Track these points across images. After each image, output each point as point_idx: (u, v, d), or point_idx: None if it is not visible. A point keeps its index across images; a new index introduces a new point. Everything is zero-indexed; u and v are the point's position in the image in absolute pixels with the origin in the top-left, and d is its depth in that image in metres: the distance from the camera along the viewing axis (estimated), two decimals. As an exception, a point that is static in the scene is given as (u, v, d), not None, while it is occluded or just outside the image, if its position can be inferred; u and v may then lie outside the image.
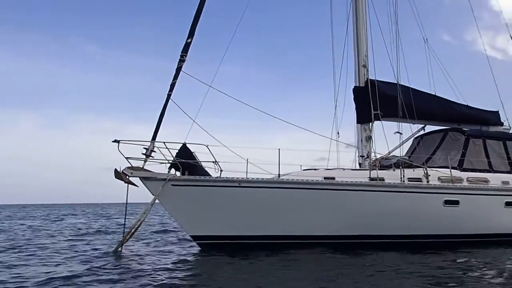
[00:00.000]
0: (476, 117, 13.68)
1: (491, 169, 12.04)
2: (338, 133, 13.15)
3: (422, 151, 12.43)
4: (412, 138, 13.68)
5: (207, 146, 9.61)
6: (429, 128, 13.73)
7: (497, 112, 14.37)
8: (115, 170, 9.55)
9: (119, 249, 9.59)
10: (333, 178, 10.28)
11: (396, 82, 12.42)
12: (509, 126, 14.54)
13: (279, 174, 9.92)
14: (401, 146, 12.89)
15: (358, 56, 12.39)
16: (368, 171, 10.75)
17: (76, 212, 45.63)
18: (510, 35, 15.25)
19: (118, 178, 9.62)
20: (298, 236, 9.90)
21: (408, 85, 12.61)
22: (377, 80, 12.00)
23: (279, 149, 9.91)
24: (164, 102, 10.01)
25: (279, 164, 9.89)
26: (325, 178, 10.30)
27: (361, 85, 12.36)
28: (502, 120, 14.42)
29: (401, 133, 12.65)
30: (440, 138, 12.66)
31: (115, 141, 9.30)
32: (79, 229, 18.55)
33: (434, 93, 13.22)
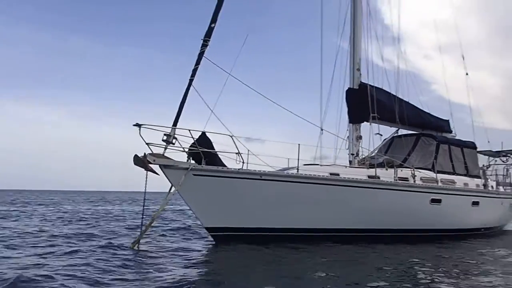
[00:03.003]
0: (436, 124, 15.23)
1: (454, 172, 13.59)
2: (322, 129, 13.62)
3: (396, 152, 13.53)
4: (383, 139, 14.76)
5: (231, 137, 9.46)
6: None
7: (448, 121, 16.13)
8: (135, 156, 8.97)
9: (137, 244, 9.04)
10: (338, 175, 10.77)
11: (381, 86, 13.41)
12: (455, 133, 16.42)
13: (297, 169, 10.14)
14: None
15: (353, 60, 13.05)
16: (365, 169, 11.48)
17: None
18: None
19: (138, 165, 9.05)
20: (311, 229, 10.21)
21: (389, 91, 13.64)
22: (373, 86, 12.84)
23: (299, 144, 10.20)
24: (185, 88, 9.65)
25: (298, 159, 10.16)
26: (330, 174, 10.75)
27: (355, 87, 13.04)
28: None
29: (381, 135, 13.62)
30: (413, 141, 13.89)
31: (136, 124, 8.79)
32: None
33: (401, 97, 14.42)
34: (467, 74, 17.56)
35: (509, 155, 18.33)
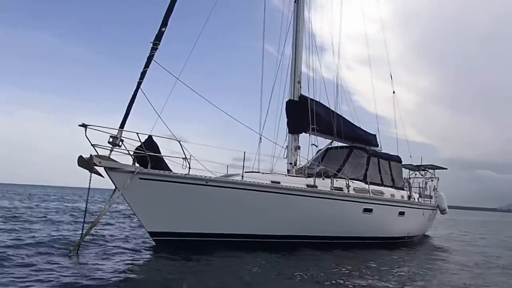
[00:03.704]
0: (365, 139, 16.22)
1: (382, 184, 14.54)
2: (261, 137, 13.93)
3: (330, 162, 14.23)
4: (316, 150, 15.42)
5: (179, 142, 9.46)
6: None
7: (376, 135, 17.26)
8: (80, 157, 8.65)
9: (76, 249, 8.68)
10: (279, 183, 11.11)
11: (315, 97, 14.09)
12: (381, 147, 17.59)
13: (242, 176, 10.32)
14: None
15: (295, 73, 13.58)
16: (304, 178, 11.96)
17: None
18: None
19: (82, 166, 8.76)
20: (254, 235, 10.39)
21: (327, 105, 14.37)
22: (313, 99, 13.42)
23: (244, 152, 10.41)
24: (134, 90, 9.49)
25: (243, 166, 10.35)
26: (272, 182, 11.05)
27: (295, 99, 13.56)
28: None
29: (317, 146, 14.24)
30: (346, 153, 14.67)
31: (82, 125, 8.49)
32: None
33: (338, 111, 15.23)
34: (394, 92, 18.92)
35: (427, 169, 20.01)
